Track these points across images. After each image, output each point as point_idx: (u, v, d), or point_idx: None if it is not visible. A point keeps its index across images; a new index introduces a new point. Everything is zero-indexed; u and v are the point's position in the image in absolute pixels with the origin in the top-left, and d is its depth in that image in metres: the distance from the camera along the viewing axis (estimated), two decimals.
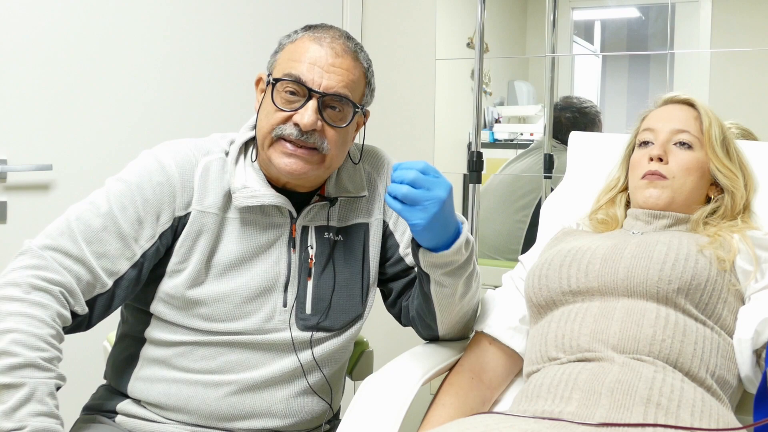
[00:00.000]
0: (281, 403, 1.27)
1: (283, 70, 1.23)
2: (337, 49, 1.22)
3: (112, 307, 1.20)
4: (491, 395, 1.35)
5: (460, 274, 1.24)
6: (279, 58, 1.26)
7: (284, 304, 1.27)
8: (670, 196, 1.36)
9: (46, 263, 1.13)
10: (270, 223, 1.27)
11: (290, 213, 1.28)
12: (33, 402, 1.03)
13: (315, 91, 1.20)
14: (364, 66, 1.27)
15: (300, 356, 1.28)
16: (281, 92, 1.22)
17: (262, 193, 1.24)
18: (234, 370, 1.25)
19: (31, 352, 1.05)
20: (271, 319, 1.26)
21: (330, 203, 1.31)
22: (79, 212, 1.19)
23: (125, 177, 1.23)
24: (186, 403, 1.24)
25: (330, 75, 1.21)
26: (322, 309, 1.30)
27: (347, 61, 1.23)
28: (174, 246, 1.23)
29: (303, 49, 1.23)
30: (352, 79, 1.24)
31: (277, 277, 1.27)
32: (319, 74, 1.20)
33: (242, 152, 1.29)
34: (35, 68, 1.79)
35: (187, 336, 1.24)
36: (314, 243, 1.30)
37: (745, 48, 2.12)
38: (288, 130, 1.21)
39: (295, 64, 1.22)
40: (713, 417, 1.06)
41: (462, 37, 2.55)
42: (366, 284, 1.36)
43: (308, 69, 1.20)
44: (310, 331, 1.29)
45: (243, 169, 1.27)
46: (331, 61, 1.21)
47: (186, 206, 1.23)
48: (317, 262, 1.30)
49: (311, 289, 1.30)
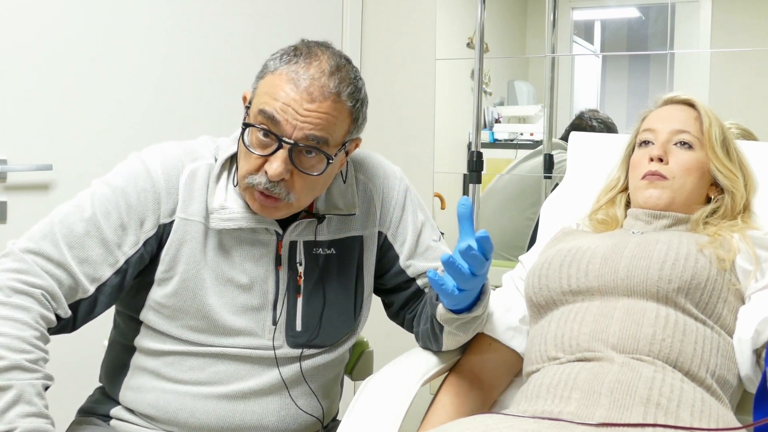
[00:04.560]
0: (273, 415, 1.25)
1: (258, 104, 1.16)
2: (314, 94, 1.13)
3: (95, 311, 1.19)
4: (491, 395, 1.35)
5: (475, 325, 1.27)
6: (258, 87, 1.18)
7: (273, 322, 1.25)
8: (671, 196, 1.36)
9: (27, 267, 1.12)
10: (255, 239, 1.24)
11: (276, 231, 1.25)
12: (22, 403, 1.02)
13: (285, 141, 1.13)
14: (347, 105, 1.17)
15: (285, 372, 1.26)
16: (255, 134, 1.16)
17: (239, 216, 1.21)
18: (223, 381, 1.23)
19: (16, 354, 1.05)
20: (260, 336, 1.24)
21: (318, 220, 1.27)
22: (63, 215, 1.17)
23: (111, 181, 1.21)
24: (174, 415, 1.23)
25: (305, 119, 1.13)
26: (313, 326, 1.28)
27: (325, 105, 1.14)
28: (160, 254, 1.21)
29: (279, 86, 1.15)
30: (331, 122, 1.15)
31: (265, 295, 1.25)
32: (293, 117, 1.13)
33: (226, 168, 1.24)
34: (35, 68, 1.79)
35: (176, 346, 1.23)
36: (303, 259, 1.27)
37: (745, 48, 2.12)
38: (257, 180, 1.16)
39: (270, 101, 1.14)
40: (713, 417, 1.06)
41: (462, 37, 2.55)
42: (360, 299, 1.34)
43: (282, 109, 1.13)
44: (301, 348, 1.27)
45: (224, 189, 1.23)
46: (306, 105, 1.13)
47: (170, 213, 1.21)
48: (307, 279, 1.27)
49: (301, 307, 1.27)
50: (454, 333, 1.26)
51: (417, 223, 1.37)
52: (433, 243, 1.38)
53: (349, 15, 2.55)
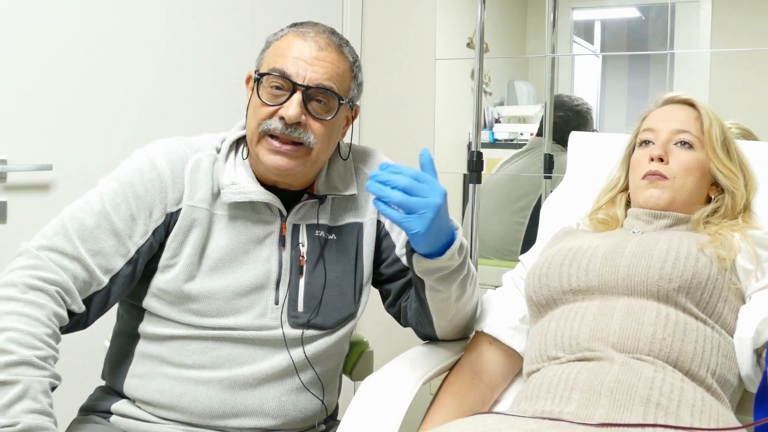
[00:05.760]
0: (273, 400, 1.27)
1: (268, 66, 1.25)
2: (320, 43, 1.24)
3: (108, 304, 1.21)
4: (491, 395, 1.35)
5: (453, 279, 1.23)
6: (265, 56, 1.28)
7: (276, 302, 1.28)
8: (671, 196, 1.36)
9: (43, 263, 1.14)
10: (260, 219, 1.28)
11: (280, 211, 1.29)
12: (27, 399, 1.03)
13: (299, 84, 1.22)
14: (349, 59, 1.28)
15: (292, 353, 1.28)
16: (267, 87, 1.24)
17: (250, 189, 1.25)
18: (225, 365, 1.25)
19: (27, 350, 1.06)
20: (263, 317, 1.27)
21: (320, 201, 1.32)
22: (73, 212, 1.20)
23: (117, 176, 1.25)
24: (178, 400, 1.24)
25: (314, 68, 1.22)
26: (314, 306, 1.30)
27: (331, 54, 1.25)
28: (166, 241, 1.24)
29: (287, 45, 1.25)
30: (337, 72, 1.25)
31: (268, 275, 1.28)
32: (304, 67, 1.22)
33: (233, 149, 1.30)
34: (35, 68, 1.79)
35: (180, 330, 1.25)
36: (305, 241, 1.31)
37: (745, 48, 2.12)
38: (273, 125, 1.22)
39: (280, 59, 1.23)
40: (713, 417, 1.06)
41: (462, 37, 2.55)
42: (359, 283, 1.36)
43: (293, 63, 1.22)
44: (302, 329, 1.29)
45: (233, 166, 1.28)
46: (315, 54, 1.23)
47: (177, 202, 1.25)
48: (309, 259, 1.31)
49: (303, 287, 1.30)
50: (436, 289, 1.23)
51: None
52: None
53: (349, 15, 2.55)
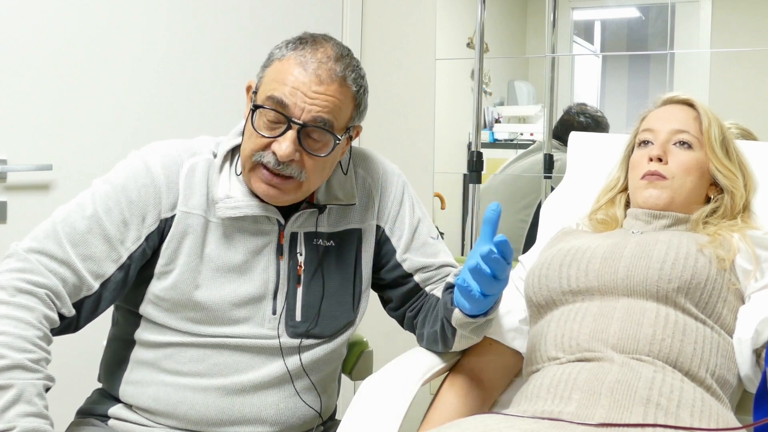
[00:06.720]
0: (271, 407, 1.26)
1: (266, 92, 1.19)
2: (322, 76, 1.17)
3: (99, 309, 1.19)
4: (491, 395, 1.35)
5: (486, 327, 1.25)
6: (266, 75, 1.23)
7: (273, 312, 1.26)
8: (670, 196, 1.36)
9: (32, 266, 1.12)
10: (258, 229, 1.26)
11: (278, 220, 1.27)
12: (22, 403, 1.02)
13: (294, 121, 1.17)
14: (352, 90, 1.21)
15: (288, 362, 1.27)
16: (263, 117, 1.19)
17: (245, 204, 1.23)
18: (222, 373, 1.24)
19: (18, 353, 1.05)
20: (261, 326, 1.25)
21: (319, 210, 1.29)
22: (65, 214, 1.18)
23: (111, 179, 1.22)
24: (174, 408, 1.23)
25: (313, 101, 1.17)
26: (312, 316, 1.29)
27: (332, 87, 1.18)
28: (161, 248, 1.22)
29: (287, 71, 1.18)
30: (337, 105, 1.19)
31: (266, 285, 1.26)
32: (302, 100, 1.16)
33: (228, 159, 1.27)
34: (35, 68, 1.79)
35: (176, 337, 1.24)
36: (303, 250, 1.29)
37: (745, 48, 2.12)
38: (266, 158, 1.18)
39: (279, 87, 1.18)
40: (713, 417, 1.06)
41: (462, 37, 2.55)
42: (358, 291, 1.35)
43: (291, 93, 1.17)
44: (300, 338, 1.28)
45: (227, 179, 1.25)
46: (315, 88, 1.17)
47: (172, 208, 1.22)
48: (306, 269, 1.29)
49: (301, 297, 1.28)
50: (467, 336, 1.25)
51: (414, 218, 1.38)
52: (431, 240, 1.38)
53: (349, 15, 2.55)
